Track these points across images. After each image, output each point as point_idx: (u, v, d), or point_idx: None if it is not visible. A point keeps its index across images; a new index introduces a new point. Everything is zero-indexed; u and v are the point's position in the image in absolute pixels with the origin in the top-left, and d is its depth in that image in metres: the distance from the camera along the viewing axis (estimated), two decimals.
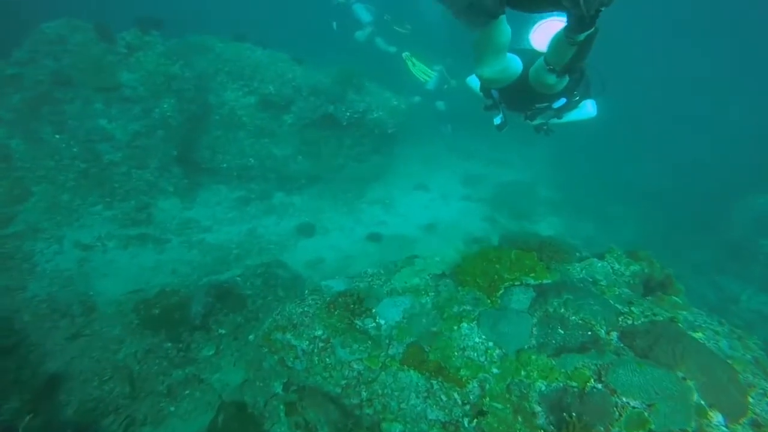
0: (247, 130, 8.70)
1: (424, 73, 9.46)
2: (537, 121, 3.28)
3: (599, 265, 3.44)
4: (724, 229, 8.74)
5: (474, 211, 8.93)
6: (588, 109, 3.35)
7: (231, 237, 6.98)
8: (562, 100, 2.97)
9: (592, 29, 1.93)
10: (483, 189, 10.02)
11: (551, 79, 2.43)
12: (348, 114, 8.74)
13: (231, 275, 5.45)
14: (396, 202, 9.32)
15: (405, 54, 9.37)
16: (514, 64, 2.54)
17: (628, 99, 11.39)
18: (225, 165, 8.50)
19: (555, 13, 2.69)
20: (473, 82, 3.43)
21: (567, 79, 2.50)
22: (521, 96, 2.87)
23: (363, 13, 9.76)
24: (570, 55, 2.18)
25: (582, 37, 1.99)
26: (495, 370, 2.66)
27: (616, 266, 3.45)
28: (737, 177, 10.31)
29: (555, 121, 3.33)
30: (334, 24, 10.21)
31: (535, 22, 2.87)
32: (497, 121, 3.15)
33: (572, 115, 3.32)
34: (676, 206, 10.07)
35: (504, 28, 2.08)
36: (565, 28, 2.02)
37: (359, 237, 7.82)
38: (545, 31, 2.76)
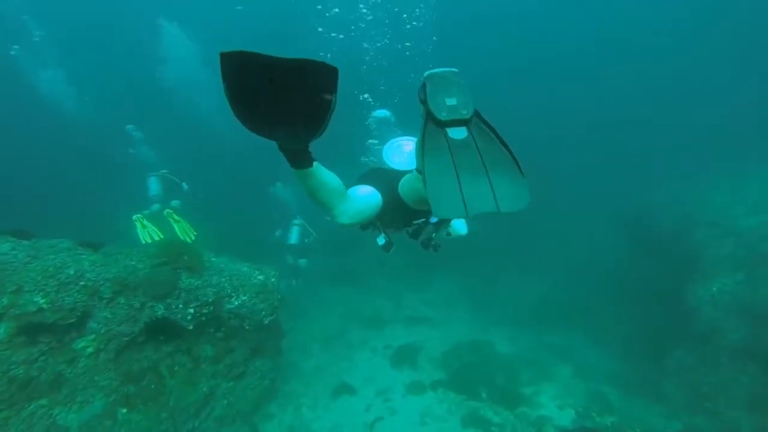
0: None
1: (152, 234, 7.50)
2: (422, 237, 2.98)
3: None
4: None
5: (441, 410, 5.69)
6: (461, 225, 3.24)
7: None
8: None
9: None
10: (426, 366, 7.02)
11: None
12: (192, 310, 5.25)
13: None
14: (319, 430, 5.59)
15: (135, 216, 7.60)
16: (370, 199, 2.41)
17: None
18: None
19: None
20: None
21: None
22: (397, 214, 2.64)
23: (153, 186, 8.57)
24: None
25: None
26: None
27: None
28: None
29: (439, 236, 3.03)
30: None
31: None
32: (381, 241, 2.81)
33: (453, 230, 3.13)
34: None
35: (323, 172, 1.84)
36: None
37: None
38: (399, 148, 2.72)
